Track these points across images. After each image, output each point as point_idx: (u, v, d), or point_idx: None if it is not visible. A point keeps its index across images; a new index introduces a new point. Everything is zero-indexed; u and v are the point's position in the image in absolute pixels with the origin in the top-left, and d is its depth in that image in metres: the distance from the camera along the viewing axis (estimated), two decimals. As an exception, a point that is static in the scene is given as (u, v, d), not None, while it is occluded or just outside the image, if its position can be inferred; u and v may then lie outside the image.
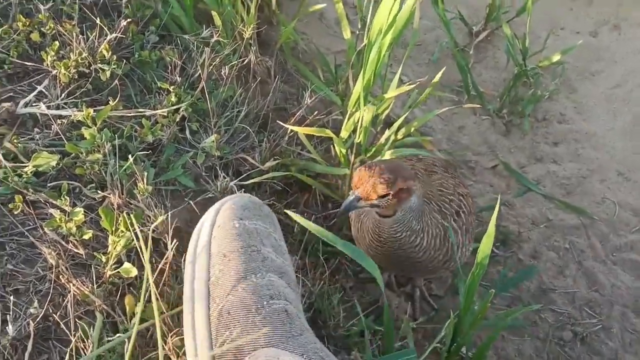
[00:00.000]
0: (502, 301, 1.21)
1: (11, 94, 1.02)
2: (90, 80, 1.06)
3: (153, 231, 0.91)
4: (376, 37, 0.99)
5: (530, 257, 1.28)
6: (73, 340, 0.73)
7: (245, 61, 1.20)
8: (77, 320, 0.78)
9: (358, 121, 1.05)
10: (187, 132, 1.07)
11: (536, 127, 1.50)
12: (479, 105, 1.42)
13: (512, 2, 1.64)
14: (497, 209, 0.77)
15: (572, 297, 1.24)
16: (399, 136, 1.17)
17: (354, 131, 1.12)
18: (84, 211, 0.89)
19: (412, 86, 1.02)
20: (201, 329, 0.70)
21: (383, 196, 0.81)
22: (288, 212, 0.76)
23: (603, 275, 1.27)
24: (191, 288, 0.73)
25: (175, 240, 0.81)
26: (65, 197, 0.88)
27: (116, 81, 1.06)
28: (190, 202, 0.99)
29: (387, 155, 1.08)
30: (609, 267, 1.28)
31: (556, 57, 1.53)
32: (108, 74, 1.06)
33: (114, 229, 0.84)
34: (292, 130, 1.14)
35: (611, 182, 1.42)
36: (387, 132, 1.11)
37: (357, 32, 1.35)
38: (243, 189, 1.04)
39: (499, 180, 1.39)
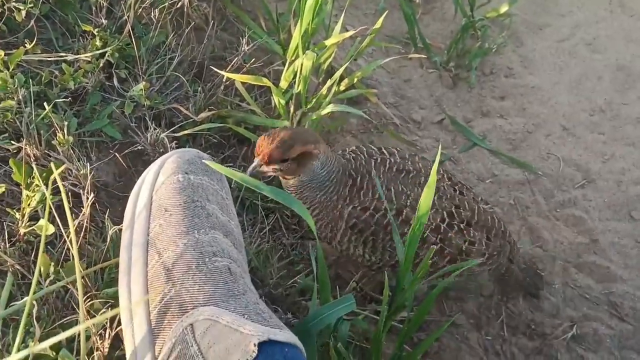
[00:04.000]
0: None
1: None
2: (3, 20, 0.96)
3: (74, 185, 0.84)
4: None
5: (474, 212, 1.26)
6: (-22, 304, 0.66)
7: (179, 4, 1.11)
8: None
9: (297, 70, 0.99)
10: (115, 79, 0.99)
11: (483, 81, 1.48)
12: (425, 57, 1.38)
13: (461, -49, 1.59)
14: (437, 158, 0.73)
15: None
16: (342, 87, 1.12)
17: (294, 82, 1.06)
18: (-3, 164, 0.82)
19: (354, 32, 0.97)
20: (137, 290, 0.64)
21: (283, 161, 0.84)
22: (206, 162, 0.71)
23: (546, 231, 1.26)
24: (128, 253, 0.67)
25: (92, 194, 0.75)
26: (-27, 148, 0.80)
27: (32, 22, 0.97)
28: (117, 154, 0.92)
29: (328, 109, 1.03)
30: (552, 222, 1.27)
31: (504, 8, 1.49)
32: (24, 13, 0.96)
33: (27, 182, 0.77)
34: (229, 80, 1.07)
35: (556, 137, 1.41)
36: (328, 82, 1.06)
37: (300, -22, 1.28)
38: (175, 141, 0.97)
39: (445, 135, 1.36)
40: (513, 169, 1.33)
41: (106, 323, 0.68)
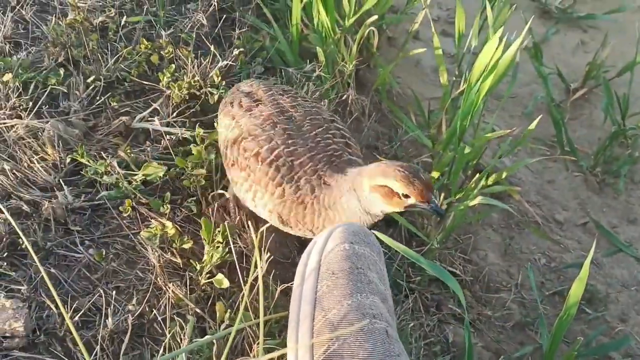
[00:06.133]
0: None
1: (128, 109, 1.11)
2: (199, 102, 1.13)
3: (245, 247, 0.95)
4: (476, 81, 1.01)
5: (618, 319, 1.23)
6: (168, 337, 0.77)
7: (344, 97, 1.24)
8: (171, 319, 0.82)
9: (450, 162, 1.06)
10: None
11: (631, 188, 1.47)
12: (573, 158, 1.40)
13: (614, 62, 1.63)
14: (589, 259, 0.75)
15: (660, 367, 1.18)
16: (488, 182, 1.18)
17: (444, 173, 1.14)
18: (183, 222, 0.95)
19: (507, 131, 1.03)
20: (304, 345, 0.72)
21: None
22: (375, 232, 0.78)
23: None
24: (297, 308, 0.75)
25: (269, 255, 0.85)
26: (167, 205, 0.94)
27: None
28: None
29: (476, 200, 1.08)
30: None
31: (657, 119, 1.49)
32: (216, 97, 1.13)
33: (209, 239, 0.89)
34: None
35: None
36: (477, 176, 1.12)
37: (453, 80, 1.37)
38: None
39: (587, 238, 1.36)
40: (661, 280, 1.30)
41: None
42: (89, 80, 1.12)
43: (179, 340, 0.78)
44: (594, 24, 1.90)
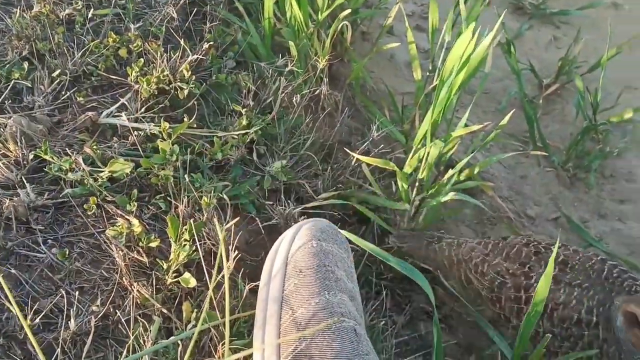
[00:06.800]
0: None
1: (95, 104, 1.08)
2: (169, 97, 1.11)
3: (213, 245, 0.93)
4: (448, 76, 1.01)
5: (588, 314, 1.24)
6: (131, 339, 0.75)
7: (316, 92, 1.23)
8: (135, 320, 0.80)
9: (423, 157, 1.06)
10: (255, 154, 1.10)
11: (602, 183, 1.48)
12: (544, 153, 1.41)
13: (586, 57, 1.64)
14: (556, 248, 0.76)
15: None
16: (461, 178, 1.17)
17: (417, 169, 1.13)
18: (150, 220, 0.93)
19: (480, 126, 1.03)
20: (270, 344, 0.71)
21: None
22: (343, 232, 0.77)
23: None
24: (264, 307, 0.75)
25: (237, 253, 0.83)
26: (134, 203, 0.92)
27: (193, 100, 1.11)
28: (256, 219, 1.01)
29: (449, 196, 1.08)
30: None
31: (628, 115, 1.50)
32: (186, 92, 1.11)
33: (176, 238, 0.87)
34: (355, 163, 1.16)
35: (679, 247, 1.37)
36: (450, 172, 1.11)
37: (427, 75, 1.37)
38: (304, 216, 1.06)
39: (559, 233, 1.36)
40: (631, 275, 1.30)
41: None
42: (54, 75, 1.09)
43: (143, 342, 0.76)
44: (567, 20, 1.92)
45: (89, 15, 1.22)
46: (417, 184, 1.11)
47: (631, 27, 1.78)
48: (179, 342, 0.72)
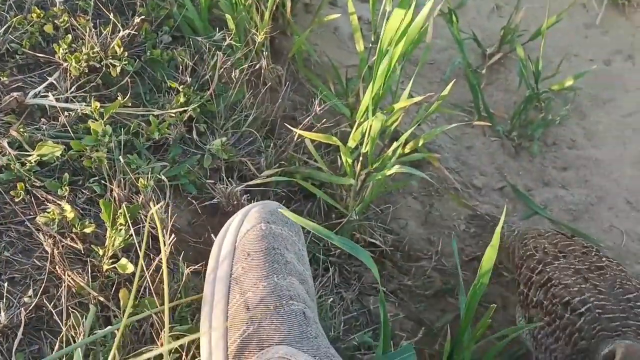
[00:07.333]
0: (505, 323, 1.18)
1: (21, 84, 1.02)
2: (100, 75, 1.06)
3: (152, 227, 0.90)
4: (387, 47, 0.99)
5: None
6: (64, 330, 0.72)
7: (257, 66, 1.20)
8: (70, 310, 0.76)
9: (366, 131, 1.04)
10: (194, 132, 1.07)
11: (545, 151, 1.49)
12: (489, 124, 1.42)
13: (527, 26, 1.64)
14: (502, 219, 0.76)
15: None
16: (406, 150, 1.16)
17: (362, 142, 1.11)
18: (85, 205, 0.89)
19: (422, 97, 1.02)
20: (218, 325, 0.69)
21: None
22: (282, 209, 0.75)
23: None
24: (212, 291, 0.73)
25: (172, 237, 0.80)
26: (66, 187, 0.88)
27: (127, 78, 1.06)
28: (194, 202, 0.98)
29: (394, 169, 1.07)
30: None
31: (568, 82, 1.52)
32: (118, 70, 1.06)
33: (111, 222, 0.83)
34: (299, 138, 1.13)
35: (619, 211, 1.40)
36: (394, 144, 1.10)
37: (370, 47, 1.35)
38: (247, 194, 1.03)
39: (505, 202, 1.38)
40: (574, 240, 1.33)
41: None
42: (-25, 54, 1.02)
43: (78, 332, 0.73)
44: (509, -12, 1.92)
45: (12, -10, 1.14)
46: (361, 158, 1.09)
47: (571, -5, 1.80)
48: (116, 331, 0.69)
